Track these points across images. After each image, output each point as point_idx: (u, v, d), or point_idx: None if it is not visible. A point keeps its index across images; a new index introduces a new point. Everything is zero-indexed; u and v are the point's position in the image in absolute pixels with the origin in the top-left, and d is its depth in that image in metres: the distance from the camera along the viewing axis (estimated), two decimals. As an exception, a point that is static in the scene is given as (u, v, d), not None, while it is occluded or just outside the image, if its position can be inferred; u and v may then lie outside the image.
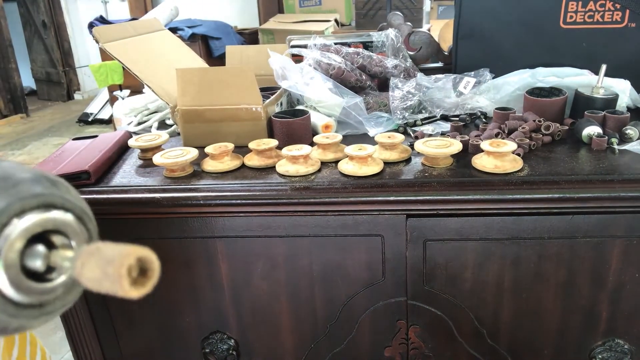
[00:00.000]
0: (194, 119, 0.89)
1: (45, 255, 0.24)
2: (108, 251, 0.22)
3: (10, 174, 0.23)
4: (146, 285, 0.22)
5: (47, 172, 0.26)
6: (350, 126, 0.93)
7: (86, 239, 0.26)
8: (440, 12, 2.78)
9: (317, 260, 0.78)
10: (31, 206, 0.23)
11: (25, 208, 0.23)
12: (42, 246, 0.24)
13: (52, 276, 0.24)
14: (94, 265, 0.22)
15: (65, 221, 0.25)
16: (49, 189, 0.25)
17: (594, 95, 0.88)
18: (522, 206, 0.71)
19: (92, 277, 0.22)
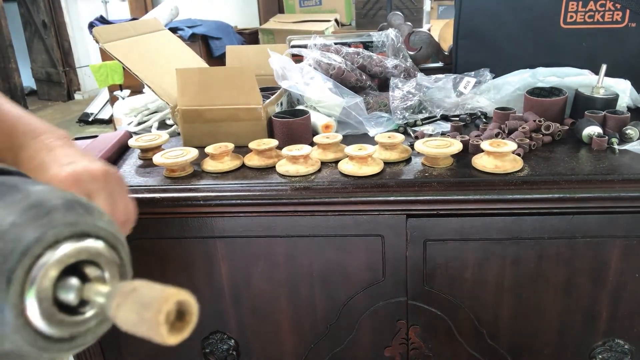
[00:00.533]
0: (194, 119, 0.89)
1: (79, 288, 0.23)
2: (145, 293, 0.22)
3: (43, 201, 0.22)
4: (184, 330, 0.23)
5: (80, 197, 0.25)
6: (351, 126, 0.93)
7: (119, 267, 0.25)
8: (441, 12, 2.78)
9: (317, 261, 0.78)
10: (64, 236, 0.23)
11: (59, 238, 0.22)
12: (76, 279, 0.23)
13: (84, 309, 0.24)
14: (130, 308, 0.21)
15: (98, 251, 0.24)
16: (82, 216, 0.24)
17: (594, 95, 0.88)
18: (522, 206, 0.71)
19: (127, 320, 0.22)
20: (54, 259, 0.22)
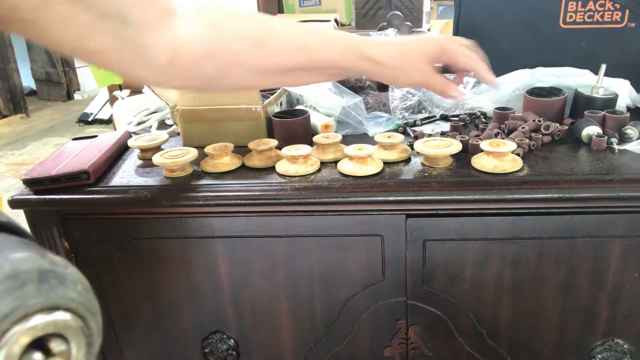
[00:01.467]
0: (193, 119, 0.89)
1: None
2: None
3: (18, 273, 0.23)
4: None
5: (57, 262, 0.25)
6: (350, 126, 0.93)
7: (86, 337, 0.26)
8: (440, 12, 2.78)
9: (317, 260, 0.78)
10: (34, 310, 0.23)
11: (28, 313, 0.23)
12: (40, 354, 0.24)
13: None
14: None
15: (66, 323, 0.25)
16: (54, 288, 0.24)
17: (594, 95, 0.88)
18: (521, 206, 0.71)
19: None
20: (21, 333, 0.22)
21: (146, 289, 0.83)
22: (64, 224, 0.79)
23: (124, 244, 0.80)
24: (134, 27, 0.57)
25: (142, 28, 0.57)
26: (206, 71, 0.63)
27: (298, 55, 0.66)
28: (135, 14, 0.56)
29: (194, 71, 0.63)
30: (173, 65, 0.61)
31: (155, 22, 0.58)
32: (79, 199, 0.76)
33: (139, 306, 0.85)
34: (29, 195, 0.76)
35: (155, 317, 0.86)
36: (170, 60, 0.61)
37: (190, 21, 0.61)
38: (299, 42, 0.66)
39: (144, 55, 0.59)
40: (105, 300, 0.84)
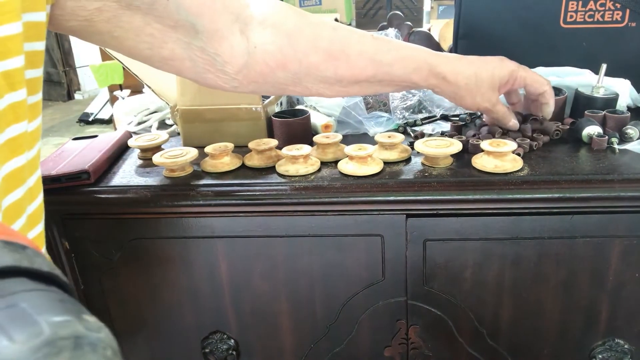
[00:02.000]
0: (193, 119, 0.89)
1: None
2: None
3: (57, 338, 0.24)
4: None
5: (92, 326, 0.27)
6: (350, 126, 0.93)
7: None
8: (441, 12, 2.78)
9: (317, 260, 0.78)
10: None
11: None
12: None
13: None
14: None
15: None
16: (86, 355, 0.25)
17: (594, 94, 0.87)
18: (522, 206, 0.71)
19: None
20: None
21: (146, 289, 0.83)
22: (64, 224, 0.79)
23: (124, 244, 0.80)
24: (204, 36, 0.59)
25: (212, 37, 0.59)
26: (279, 79, 0.65)
27: (371, 69, 0.67)
28: (205, 23, 0.58)
29: (267, 78, 0.64)
30: (246, 73, 0.63)
31: (226, 31, 0.60)
32: (79, 199, 0.76)
33: (139, 306, 0.85)
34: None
35: (155, 317, 0.86)
36: (243, 67, 0.63)
37: (265, 30, 0.63)
38: (374, 58, 0.68)
39: (216, 63, 0.61)
40: (105, 301, 0.84)
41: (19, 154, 0.46)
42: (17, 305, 0.24)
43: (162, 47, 0.58)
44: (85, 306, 0.77)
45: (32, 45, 0.47)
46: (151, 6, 0.54)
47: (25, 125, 0.46)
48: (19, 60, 0.44)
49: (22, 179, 0.47)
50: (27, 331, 0.23)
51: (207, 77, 0.62)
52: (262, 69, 0.63)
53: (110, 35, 0.55)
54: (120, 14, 0.53)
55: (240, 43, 0.61)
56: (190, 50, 0.59)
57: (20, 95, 0.45)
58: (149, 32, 0.56)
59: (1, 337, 0.23)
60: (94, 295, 0.84)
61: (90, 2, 0.51)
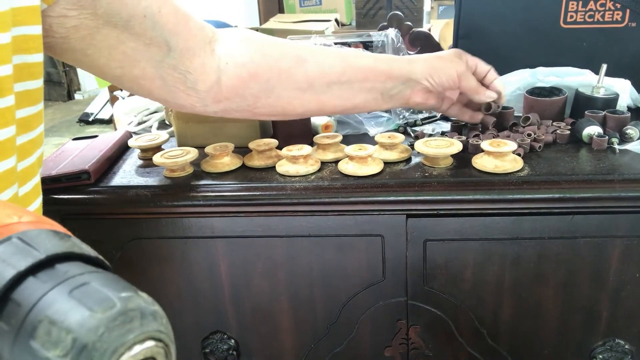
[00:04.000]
0: (187, 119, 0.88)
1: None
2: None
3: (127, 309, 0.30)
4: None
5: (149, 300, 0.32)
6: (351, 126, 0.93)
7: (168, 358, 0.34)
8: (441, 12, 2.78)
9: (317, 260, 0.78)
10: (139, 341, 0.30)
11: (135, 343, 0.30)
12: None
13: None
14: None
15: (157, 351, 0.32)
16: (150, 322, 0.31)
17: (595, 94, 0.87)
18: (522, 206, 0.71)
19: None
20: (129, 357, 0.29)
21: (146, 289, 0.83)
22: (64, 224, 0.78)
23: (124, 244, 0.80)
24: (176, 54, 0.59)
25: (184, 54, 0.60)
26: (252, 91, 0.65)
27: (339, 65, 0.68)
28: (179, 41, 0.59)
29: (239, 92, 0.65)
30: (217, 90, 0.64)
31: (198, 49, 0.61)
32: (80, 199, 0.76)
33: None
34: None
35: (155, 317, 0.85)
36: (215, 84, 0.63)
37: (237, 45, 0.64)
38: (339, 53, 0.70)
39: (187, 81, 0.62)
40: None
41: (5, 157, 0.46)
42: (88, 283, 0.29)
43: (134, 66, 0.58)
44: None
45: (26, 58, 0.47)
46: (127, 23, 0.54)
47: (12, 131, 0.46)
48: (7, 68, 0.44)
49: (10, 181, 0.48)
50: (103, 304, 0.29)
51: (177, 96, 0.62)
52: (235, 83, 0.64)
53: (83, 53, 0.55)
54: (95, 32, 0.53)
55: (212, 61, 0.62)
56: (161, 68, 0.59)
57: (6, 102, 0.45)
58: (122, 50, 0.56)
59: (83, 309, 0.28)
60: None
61: (69, 20, 0.51)
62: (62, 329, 0.28)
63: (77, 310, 0.29)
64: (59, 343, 0.28)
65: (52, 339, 0.28)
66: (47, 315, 0.29)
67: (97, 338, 0.29)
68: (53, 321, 0.29)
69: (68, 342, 0.28)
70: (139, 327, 0.31)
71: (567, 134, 0.82)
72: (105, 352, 0.29)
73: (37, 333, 0.28)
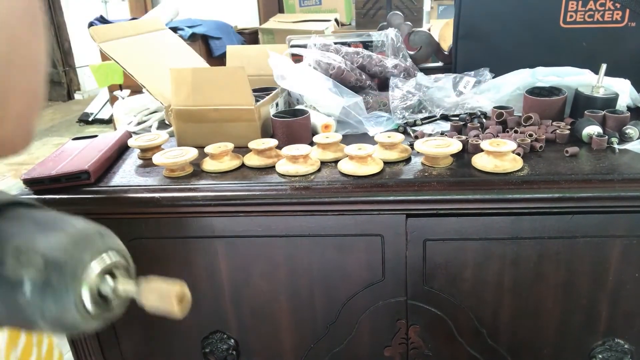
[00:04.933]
0: (187, 119, 0.88)
1: (110, 284, 0.37)
2: (162, 285, 0.37)
3: (88, 231, 0.36)
4: (184, 309, 0.38)
5: (101, 226, 0.38)
6: (350, 126, 0.93)
7: (128, 270, 0.39)
8: (440, 12, 2.78)
9: (317, 260, 0.78)
10: (101, 252, 0.37)
11: (99, 253, 0.36)
12: (109, 277, 0.37)
13: (113, 298, 0.38)
14: (153, 293, 0.37)
15: (120, 261, 0.39)
16: (107, 238, 0.38)
17: (594, 94, 0.87)
18: (522, 206, 0.71)
19: (151, 301, 0.37)
20: (97, 268, 0.36)
21: (146, 289, 0.83)
22: (64, 224, 0.79)
23: (124, 243, 0.80)
24: None
25: None
26: None
27: None
28: None
29: None
30: None
31: None
32: (79, 199, 0.76)
33: (140, 306, 0.85)
34: (29, 195, 0.76)
35: (155, 316, 0.85)
36: None
37: None
38: None
39: None
40: (106, 300, 0.84)
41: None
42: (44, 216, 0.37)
43: None
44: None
45: None
46: None
47: None
48: None
49: None
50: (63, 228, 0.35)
51: None
52: None
53: None
54: None
55: None
56: None
57: None
58: None
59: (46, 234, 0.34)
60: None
61: None
62: (30, 252, 0.33)
63: (41, 235, 0.34)
64: (30, 265, 0.32)
65: (23, 263, 0.33)
66: (14, 246, 0.33)
67: (66, 253, 0.33)
68: (18, 248, 0.33)
69: (39, 261, 0.33)
70: (100, 242, 0.37)
71: (567, 133, 0.82)
72: (75, 264, 0.34)
73: (7, 262, 0.33)
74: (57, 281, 0.33)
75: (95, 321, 0.36)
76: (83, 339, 0.87)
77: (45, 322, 0.33)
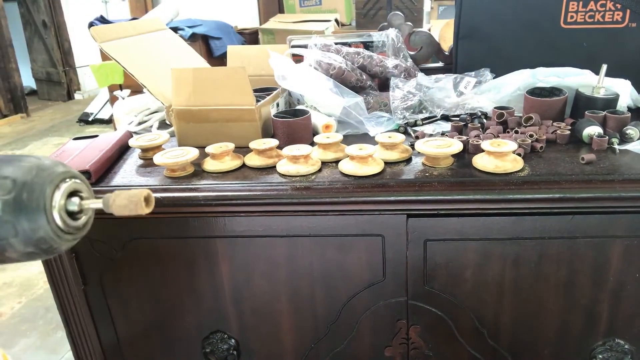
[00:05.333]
0: (188, 119, 0.88)
1: (76, 202, 0.42)
2: (129, 192, 0.42)
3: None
4: (150, 207, 0.42)
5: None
6: (351, 126, 0.93)
7: (89, 192, 0.44)
8: (441, 12, 2.78)
9: (318, 260, 0.78)
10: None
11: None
12: (76, 197, 0.42)
13: (79, 215, 0.42)
14: (122, 199, 0.42)
15: (81, 184, 0.43)
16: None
17: (595, 95, 0.88)
18: (522, 206, 0.71)
19: (120, 206, 0.42)
20: (63, 187, 0.40)
21: (147, 289, 0.83)
22: (65, 224, 0.79)
23: (125, 243, 0.80)
24: None
25: None
26: None
27: None
28: None
29: None
30: None
31: None
32: (80, 199, 0.76)
33: (140, 305, 0.85)
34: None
35: (156, 316, 0.86)
36: None
37: None
38: None
39: None
40: (106, 300, 0.84)
41: None
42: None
43: None
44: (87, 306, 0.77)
45: None
46: None
47: None
48: None
49: None
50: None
51: None
52: None
53: None
54: None
55: None
56: None
57: None
58: None
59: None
60: (94, 294, 0.84)
61: None
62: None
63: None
64: (0, 187, 0.37)
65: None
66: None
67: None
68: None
69: (8, 184, 0.37)
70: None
71: (568, 134, 0.82)
72: (43, 184, 0.38)
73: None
74: (27, 199, 0.37)
75: (66, 237, 0.40)
76: (83, 338, 0.87)
77: (18, 240, 0.37)
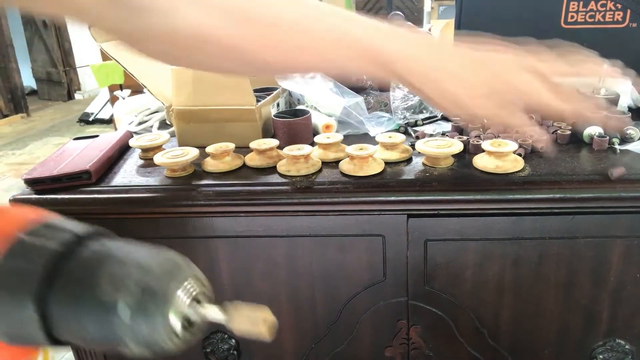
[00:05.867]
0: (188, 119, 0.89)
1: (196, 310, 0.39)
2: (250, 312, 0.41)
3: (171, 259, 0.40)
4: (272, 332, 0.41)
5: (178, 254, 0.41)
6: (351, 126, 0.93)
7: (208, 297, 0.41)
8: (441, 12, 2.78)
9: (318, 261, 0.78)
10: (189, 277, 0.40)
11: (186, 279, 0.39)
12: (196, 303, 0.39)
13: (199, 321, 0.40)
14: (244, 320, 0.40)
15: (202, 288, 0.41)
16: (191, 266, 0.41)
17: (595, 95, 0.87)
18: (523, 206, 0.71)
19: (242, 327, 0.40)
20: (186, 294, 0.39)
21: (147, 289, 0.83)
22: (65, 224, 0.79)
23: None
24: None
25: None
26: None
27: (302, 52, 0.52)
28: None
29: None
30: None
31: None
32: (80, 199, 0.76)
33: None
34: (30, 195, 0.76)
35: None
36: None
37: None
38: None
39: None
40: (106, 300, 0.84)
41: None
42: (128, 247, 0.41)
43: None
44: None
45: None
46: None
47: None
48: None
49: None
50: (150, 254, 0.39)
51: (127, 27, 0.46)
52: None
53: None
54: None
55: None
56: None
57: None
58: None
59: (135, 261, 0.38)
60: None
61: None
62: (125, 279, 0.37)
63: (129, 262, 0.38)
64: (126, 290, 0.36)
65: (118, 288, 0.36)
66: (108, 273, 0.37)
67: (159, 281, 0.37)
68: (113, 275, 0.37)
69: (135, 288, 0.36)
70: (186, 268, 0.40)
71: (568, 134, 0.82)
72: (167, 291, 0.37)
73: (102, 286, 0.36)
74: (151, 306, 0.36)
75: (179, 342, 0.39)
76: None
77: (134, 342, 0.37)
